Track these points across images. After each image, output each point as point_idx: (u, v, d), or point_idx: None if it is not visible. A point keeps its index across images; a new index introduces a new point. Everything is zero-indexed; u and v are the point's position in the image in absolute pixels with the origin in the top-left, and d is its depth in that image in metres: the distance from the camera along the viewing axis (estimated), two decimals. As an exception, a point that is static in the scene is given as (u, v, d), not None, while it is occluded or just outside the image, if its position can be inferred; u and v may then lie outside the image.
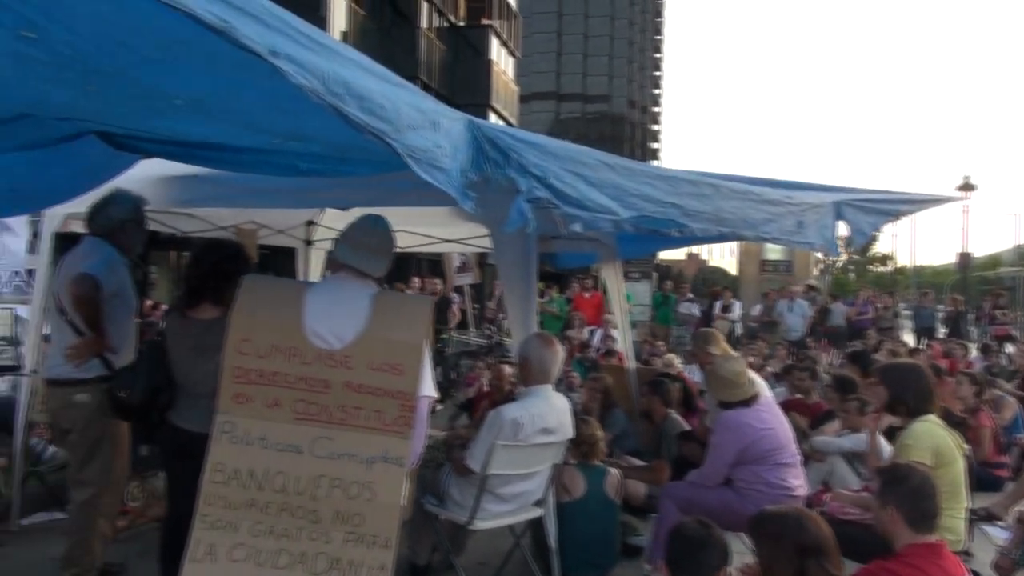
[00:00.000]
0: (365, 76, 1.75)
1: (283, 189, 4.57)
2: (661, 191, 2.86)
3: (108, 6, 1.63)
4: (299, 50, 1.57)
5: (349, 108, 1.65)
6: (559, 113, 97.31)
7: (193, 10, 1.34)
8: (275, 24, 1.52)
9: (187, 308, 3.11)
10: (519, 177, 2.22)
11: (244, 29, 1.44)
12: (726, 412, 3.89)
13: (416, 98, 1.93)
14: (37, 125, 3.13)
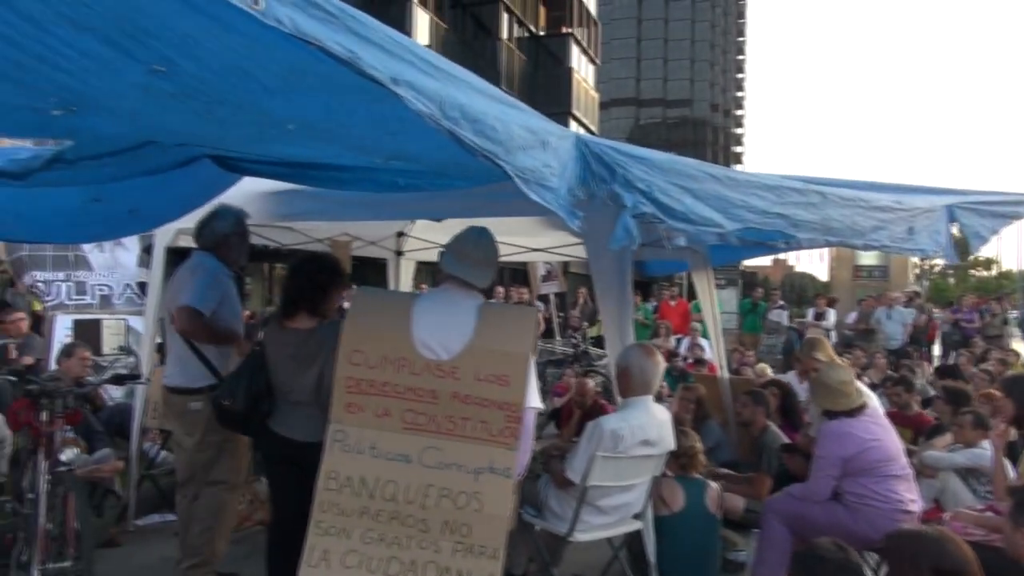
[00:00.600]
0: (479, 98, 1.78)
1: (380, 202, 4.70)
2: (767, 201, 2.80)
3: (240, 40, 1.72)
4: (418, 76, 1.62)
5: (464, 132, 1.69)
6: (639, 119, 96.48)
7: (323, 43, 1.40)
8: (396, 51, 1.58)
9: (285, 319, 3.25)
10: (624, 192, 2.22)
11: (368, 59, 1.49)
12: (830, 422, 3.77)
13: (526, 117, 1.96)
14: (159, 151, 3.32)
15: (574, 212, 2.02)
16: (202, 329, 3.60)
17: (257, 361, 3.27)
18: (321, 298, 3.23)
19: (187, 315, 3.56)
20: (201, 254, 3.95)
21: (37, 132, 2.89)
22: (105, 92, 2.36)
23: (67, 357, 5.27)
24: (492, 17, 29.30)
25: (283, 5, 1.33)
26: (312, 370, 3.04)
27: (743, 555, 4.12)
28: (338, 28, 1.44)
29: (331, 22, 1.42)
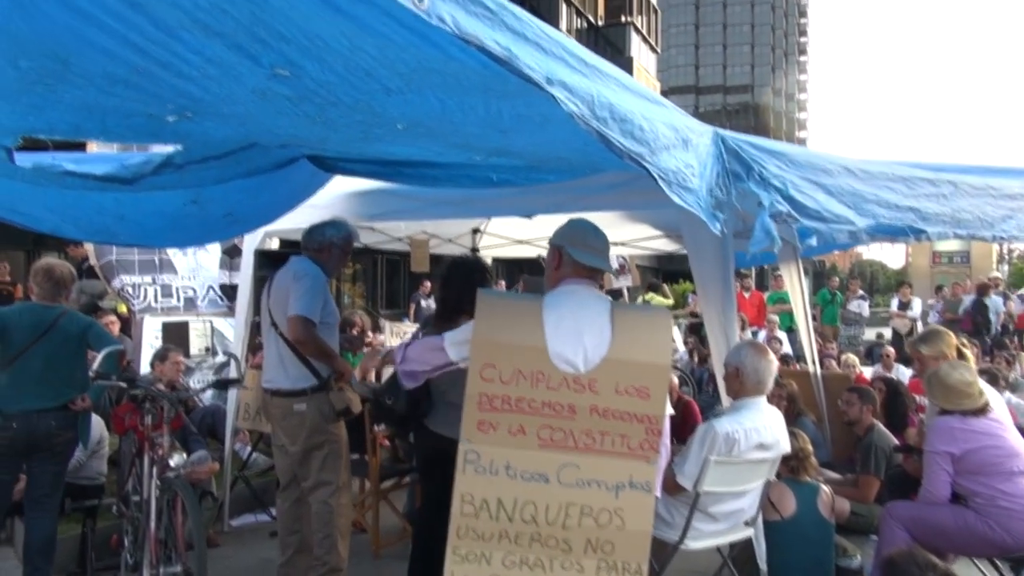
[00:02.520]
0: (626, 95, 1.69)
1: (467, 199, 4.66)
2: (899, 194, 2.63)
3: (372, 40, 1.66)
4: (570, 73, 1.53)
5: (612, 133, 1.61)
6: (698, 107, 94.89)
7: (482, 42, 1.32)
8: (550, 48, 1.49)
9: (443, 322, 3.26)
10: (761, 191, 2.10)
11: (525, 58, 1.41)
12: (942, 416, 3.56)
13: (669, 114, 1.86)
14: (261, 154, 3.33)
15: (715, 215, 1.91)
16: (313, 340, 3.66)
17: None
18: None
19: (301, 325, 3.61)
20: (302, 259, 3.97)
21: (149, 138, 2.91)
22: (222, 98, 2.34)
23: (161, 361, 5.38)
24: (551, 9, 29.12)
25: (445, 3, 1.25)
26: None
27: (856, 562, 3.93)
28: (496, 25, 1.36)
29: (490, 19, 1.35)
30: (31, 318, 3.90)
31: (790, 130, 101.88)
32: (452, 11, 1.27)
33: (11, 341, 3.79)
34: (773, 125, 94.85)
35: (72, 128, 2.60)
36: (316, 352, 3.69)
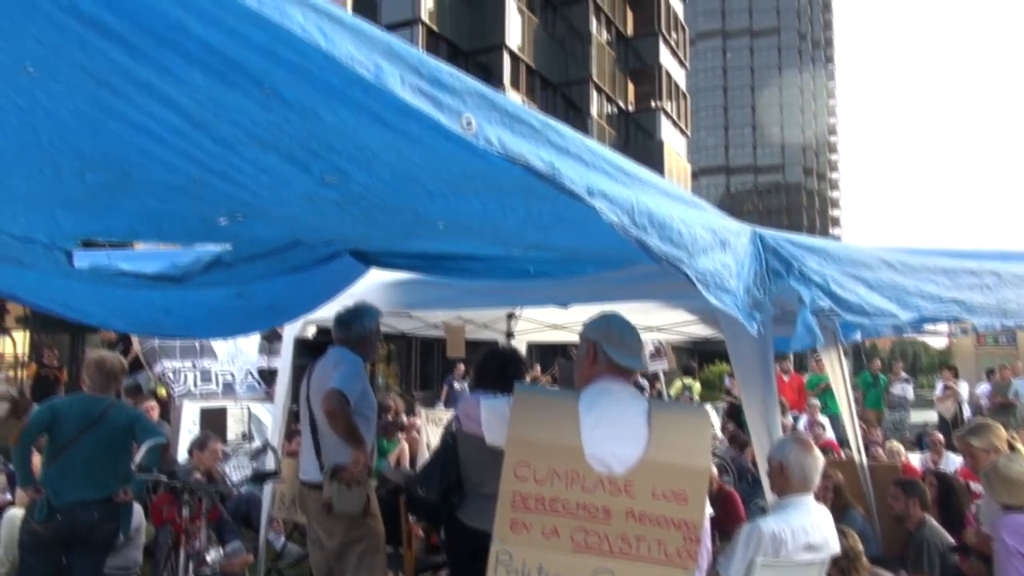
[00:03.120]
0: (664, 200, 1.73)
1: (505, 289, 4.71)
2: (941, 286, 2.61)
3: (420, 151, 1.73)
4: (610, 184, 1.58)
5: (651, 239, 1.64)
6: (729, 187, 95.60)
7: (527, 161, 1.38)
8: (591, 160, 1.54)
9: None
10: (802, 287, 2.10)
11: (567, 171, 1.46)
12: (1009, 515, 3.40)
13: (707, 216, 1.89)
14: (306, 251, 3.43)
15: (752, 315, 1.91)
16: (345, 416, 3.64)
17: (450, 453, 3.38)
18: (510, 389, 3.31)
19: (336, 398, 3.62)
20: (341, 350, 4.01)
21: (200, 239, 3.02)
22: (272, 202, 2.43)
23: (200, 449, 5.41)
24: (582, 96, 29.94)
25: (492, 124, 1.32)
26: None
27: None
28: (540, 142, 1.42)
29: (535, 137, 1.40)
30: (80, 408, 3.98)
31: (823, 209, 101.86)
32: (499, 132, 1.32)
33: (60, 432, 3.86)
34: (805, 204, 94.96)
35: (129, 231, 2.72)
36: (345, 430, 3.66)
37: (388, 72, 1.13)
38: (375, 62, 1.11)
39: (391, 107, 1.27)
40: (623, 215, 1.58)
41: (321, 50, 1.04)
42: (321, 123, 1.64)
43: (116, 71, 1.40)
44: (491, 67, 26.06)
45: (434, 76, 1.22)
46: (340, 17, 1.07)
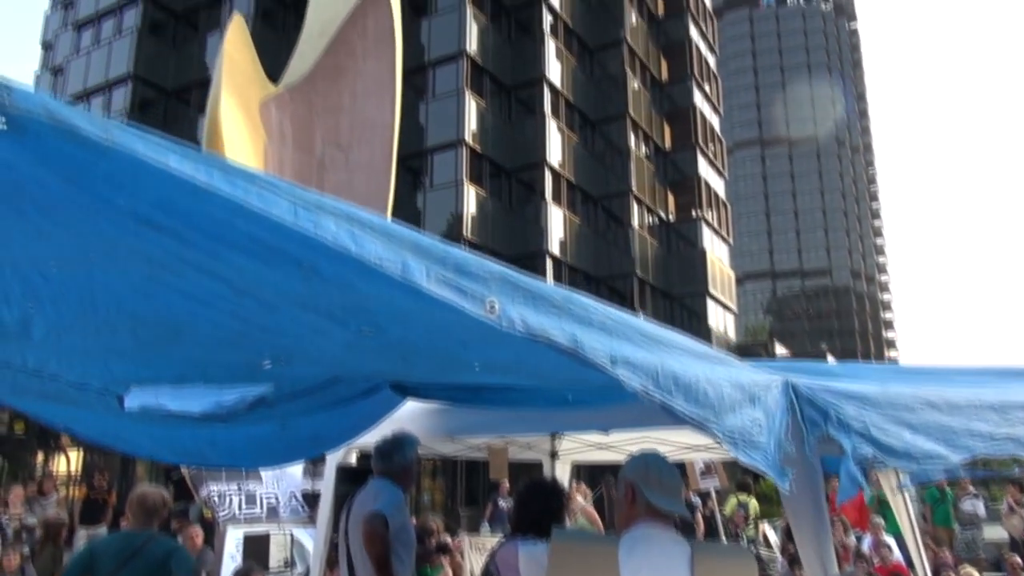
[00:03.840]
0: (690, 361, 1.75)
1: (546, 417, 4.69)
2: (992, 423, 2.54)
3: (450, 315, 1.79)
4: (634, 350, 1.61)
5: (676, 402, 1.66)
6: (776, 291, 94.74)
7: (550, 337, 1.42)
8: (615, 329, 1.58)
9: (519, 535, 3.27)
10: (842, 436, 2.06)
11: (589, 343, 1.50)
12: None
13: (736, 372, 1.90)
14: (347, 386, 3.51)
15: (784, 471, 1.89)
16: (383, 541, 3.60)
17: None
18: (551, 521, 3.36)
19: (378, 519, 3.61)
20: (381, 481, 4.01)
21: (244, 380, 3.11)
22: (313, 349, 2.52)
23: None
24: (623, 208, 30.48)
25: (515, 304, 1.37)
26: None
27: None
28: (563, 316, 1.47)
29: (557, 312, 1.45)
30: (119, 544, 4.02)
31: (874, 312, 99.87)
32: (522, 311, 1.38)
33: (98, 569, 3.89)
34: (856, 307, 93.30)
35: (177, 376, 2.82)
36: (380, 557, 3.60)
37: (415, 267, 1.20)
38: (403, 260, 1.19)
39: (420, 291, 1.34)
40: (647, 380, 1.60)
41: (351, 255, 1.12)
42: (357, 292, 1.72)
43: (168, 255, 1.51)
44: (533, 183, 26.84)
45: (459, 266, 1.29)
46: (370, 221, 1.15)
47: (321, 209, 1.10)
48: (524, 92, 27.91)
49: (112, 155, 0.95)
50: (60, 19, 34.45)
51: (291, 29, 25.97)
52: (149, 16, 28.68)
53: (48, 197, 1.14)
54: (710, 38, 39.98)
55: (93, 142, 0.93)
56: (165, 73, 28.49)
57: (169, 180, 1.02)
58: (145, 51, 28.15)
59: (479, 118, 25.72)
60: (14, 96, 0.86)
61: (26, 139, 0.94)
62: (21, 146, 0.96)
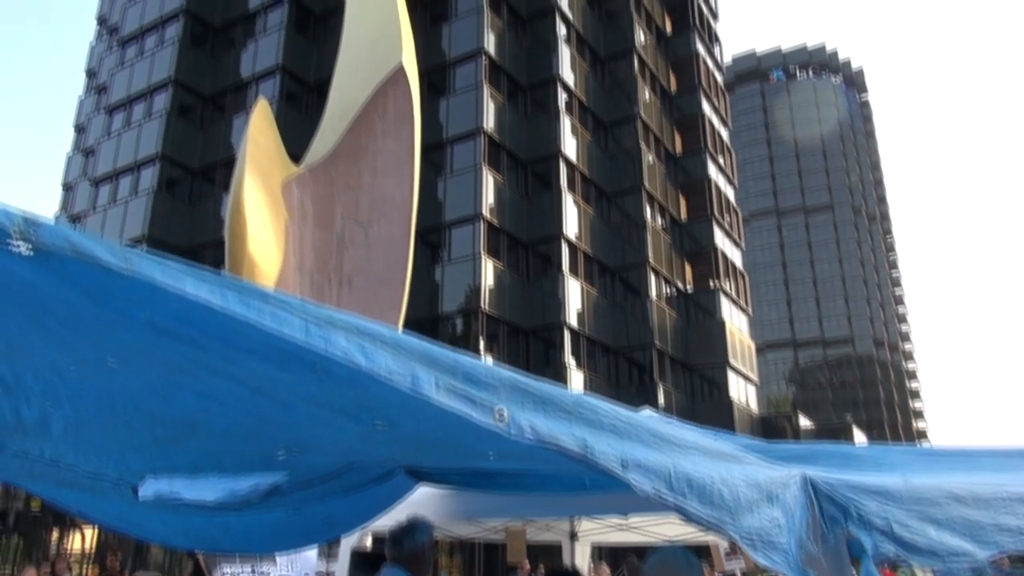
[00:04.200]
0: (704, 460, 1.73)
1: (564, 501, 4.62)
2: (1021, 516, 2.46)
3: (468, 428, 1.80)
4: (647, 452, 1.60)
5: (690, 504, 1.64)
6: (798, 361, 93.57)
7: (559, 443, 1.42)
8: (626, 431, 1.58)
9: None
10: (862, 533, 2.01)
11: (600, 447, 1.50)
12: None
13: (753, 471, 1.87)
14: (361, 472, 3.49)
15: (805, 572, 1.84)
16: None
17: None
18: None
19: None
20: (393, 569, 3.94)
21: (259, 469, 3.11)
22: (327, 440, 2.53)
23: (252, 669, 5.21)
24: (640, 279, 30.55)
25: (524, 411, 1.38)
26: None
27: None
28: (573, 421, 1.47)
29: (567, 417, 1.46)
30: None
31: (900, 381, 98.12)
32: (531, 418, 1.38)
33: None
34: (880, 376, 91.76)
35: (191, 467, 2.82)
36: None
37: (424, 379, 1.22)
38: (412, 372, 1.21)
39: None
40: (660, 483, 1.59)
41: (362, 370, 1.14)
42: (370, 392, 1.73)
43: (185, 359, 1.54)
44: (551, 256, 27.06)
45: (468, 375, 1.30)
46: (380, 334, 1.18)
47: (332, 325, 1.13)
48: (540, 167, 28.44)
49: (132, 280, 0.99)
50: (93, 103, 35.85)
51: (314, 111, 26.83)
52: (178, 99, 29.77)
53: (69, 311, 1.18)
54: (722, 112, 40.74)
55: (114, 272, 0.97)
56: (192, 153, 29.39)
57: (186, 299, 1.05)
58: (173, 132, 29.11)
59: (496, 192, 26.16)
60: (40, 232, 0.91)
61: (50, 264, 0.98)
62: (46, 270, 1.00)
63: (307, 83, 29.28)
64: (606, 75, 33.61)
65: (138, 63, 31.30)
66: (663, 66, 37.20)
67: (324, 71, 27.07)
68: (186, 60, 30.25)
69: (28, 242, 0.90)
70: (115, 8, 36.56)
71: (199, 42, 31.26)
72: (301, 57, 29.51)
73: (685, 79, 38.08)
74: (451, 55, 28.12)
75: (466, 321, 24.64)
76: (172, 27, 31.04)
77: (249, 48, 30.39)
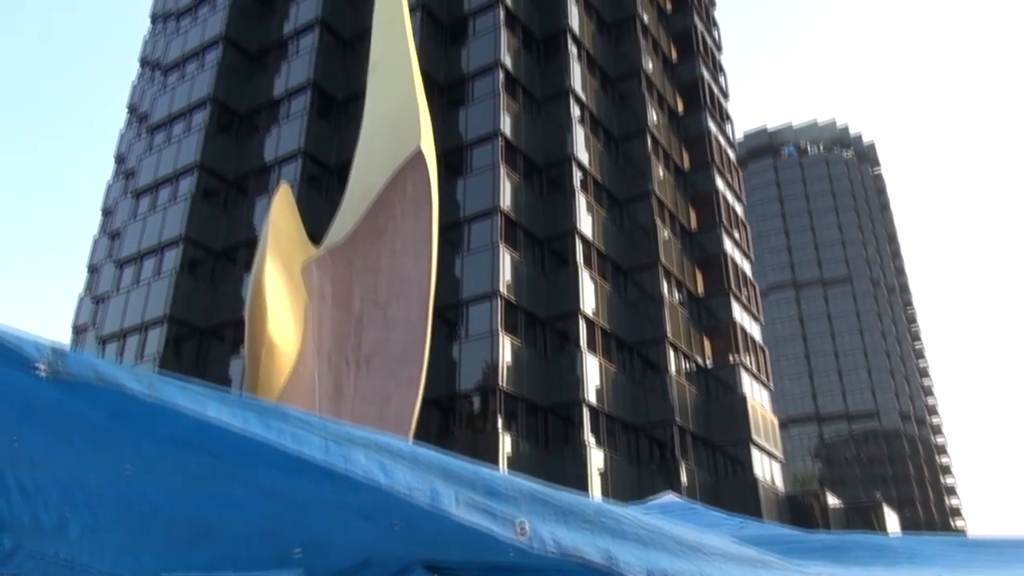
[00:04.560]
0: (731, 568, 1.68)
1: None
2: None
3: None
4: (671, 561, 1.56)
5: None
6: (823, 436, 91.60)
7: (582, 554, 1.39)
8: (651, 540, 1.54)
9: None
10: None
11: (624, 557, 1.46)
12: None
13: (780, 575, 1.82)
14: (377, 568, 3.41)
15: None
16: None
17: None
18: None
19: None
20: None
21: (273, 568, 3.05)
22: (344, 540, 2.48)
23: None
24: (659, 355, 30.35)
25: (546, 523, 1.36)
26: None
27: None
28: (596, 530, 1.44)
29: (589, 527, 1.43)
30: None
31: (929, 457, 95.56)
32: (553, 530, 1.36)
33: None
34: (908, 451, 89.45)
35: (206, 566, 2.78)
36: None
37: (443, 494, 1.21)
38: (431, 487, 1.20)
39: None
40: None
41: (382, 488, 1.13)
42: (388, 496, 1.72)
43: (204, 468, 1.54)
44: (568, 332, 27.05)
45: (488, 488, 1.29)
46: (399, 450, 1.17)
47: (351, 442, 1.13)
48: (557, 244, 28.74)
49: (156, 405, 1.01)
50: (121, 188, 36.95)
51: (334, 192, 27.48)
52: (203, 183, 30.63)
53: (92, 427, 1.19)
54: (736, 187, 41.22)
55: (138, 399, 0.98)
56: (215, 234, 30.03)
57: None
58: (197, 215, 29.85)
59: (513, 269, 26.38)
60: (67, 362, 0.93)
61: (76, 390, 1.00)
62: (71, 394, 1.02)
63: (328, 166, 30.08)
64: (620, 154, 34.27)
65: (165, 149, 32.38)
66: (676, 144, 37.91)
67: (345, 154, 27.86)
68: (212, 145, 31.26)
69: (55, 372, 0.92)
70: (145, 97, 38.08)
71: (225, 128, 32.36)
72: (323, 141, 30.41)
73: (698, 156, 38.72)
74: (468, 137, 28.86)
75: (483, 399, 24.48)
76: (199, 114, 32.21)
77: (273, 133, 31.39)
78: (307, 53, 32.03)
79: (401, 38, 9.56)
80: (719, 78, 43.50)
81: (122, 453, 1.43)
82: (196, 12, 35.94)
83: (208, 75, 32.76)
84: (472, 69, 30.30)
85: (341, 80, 31.76)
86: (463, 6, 32.00)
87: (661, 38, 39.85)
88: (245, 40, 34.09)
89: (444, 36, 31.95)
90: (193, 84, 33.19)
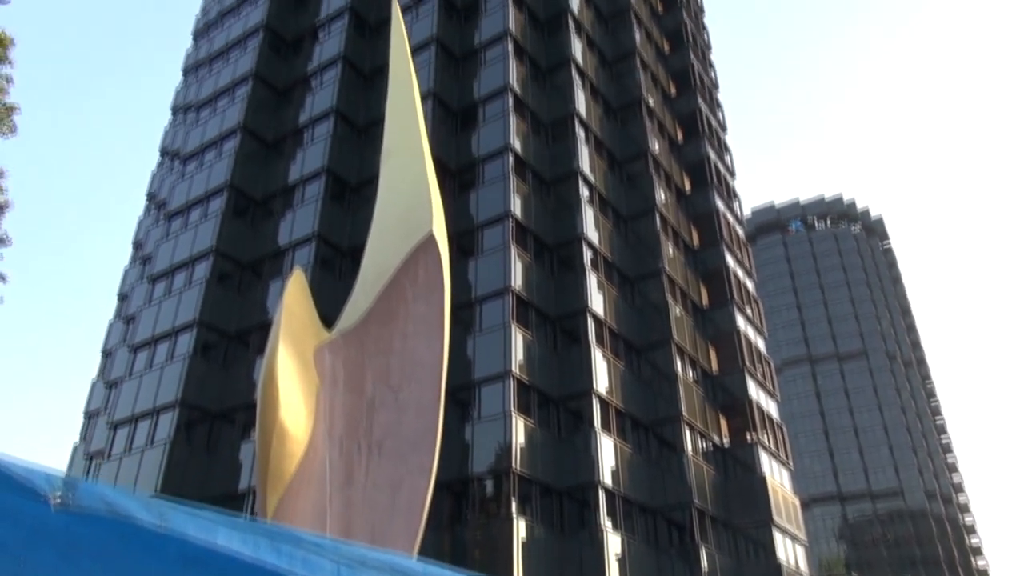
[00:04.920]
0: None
1: None
2: None
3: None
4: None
5: None
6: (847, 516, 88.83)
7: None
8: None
9: None
10: None
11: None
12: None
13: None
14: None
15: None
16: None
17: None
18: None
19: None
20: None
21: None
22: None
23: None
24: (675, 434, 29.85)
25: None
26: None
27: None
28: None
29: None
30: None
31: (958, 537, 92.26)
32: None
33: None
34: (936, 532, 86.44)
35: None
36: None
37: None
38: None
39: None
40: None
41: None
42: None
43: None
44: (582, 412, 26.72)
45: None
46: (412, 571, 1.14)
47: (363, 564, 1.10)
48: (568, 323, 28.71)
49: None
50: (138, 273, 37.49)
51: (347, 275, 27.76)
52: (218, 267, 31.05)
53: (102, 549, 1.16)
54: (746, 264, 41.38)
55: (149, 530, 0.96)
56: (229, 318, 30.24)
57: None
58: (211, 299, 30.13)
59: (525, 349, 26.29)
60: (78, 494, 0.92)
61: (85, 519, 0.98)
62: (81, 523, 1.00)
63: (341, 249, 30.48)
64: (629, 232, 34.61)
65: (182, 234, 32.99)
66: (684, 222, 38.30)
67: (358, 237, 28.28)
68: (227, 230, 31.83)
69: (66, 504, 0.91)
70: (164, 185, 39.07)
71: (240, 213, 33.02)
72: (336, 225, 30.92)
73: (707, 234, 39.04)
74: (479, 219, 29.28)
75: (497, 482, 24.00)
76: (216, 200, 32.94)
77: (287, 217, 31.98)
78: (322, 140, 32.94)
79: (413, 125, 9.83)
80: (724, 157, 44.29)
81: (132, 570, 1.39)
82: (215, 103, 37.23)
83: (226, 163, 33.66)
84: (482, 153, 31.00)
85: (354, 166, 32.54)
86: (473, 93, 33.01)
87: (667, 120, 40.81)
88: (262, 129, 35.16)
89: (455, 122, 32.84)
90: (211, 171, 34.08)
